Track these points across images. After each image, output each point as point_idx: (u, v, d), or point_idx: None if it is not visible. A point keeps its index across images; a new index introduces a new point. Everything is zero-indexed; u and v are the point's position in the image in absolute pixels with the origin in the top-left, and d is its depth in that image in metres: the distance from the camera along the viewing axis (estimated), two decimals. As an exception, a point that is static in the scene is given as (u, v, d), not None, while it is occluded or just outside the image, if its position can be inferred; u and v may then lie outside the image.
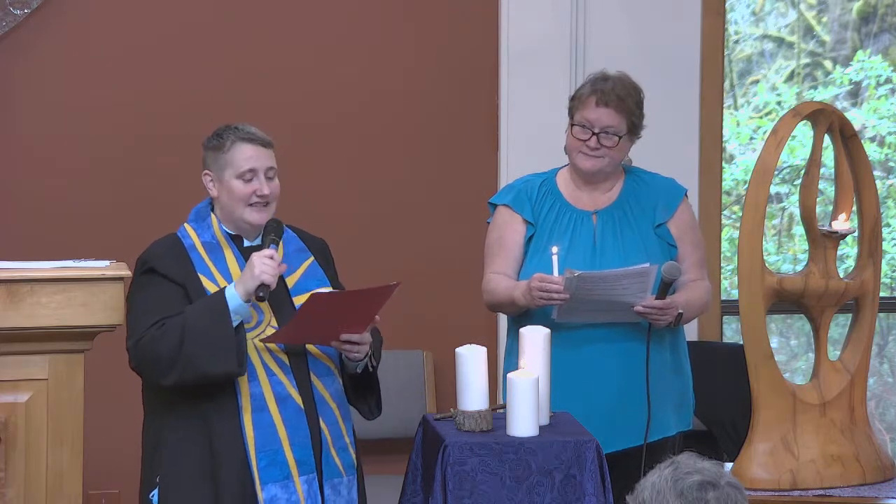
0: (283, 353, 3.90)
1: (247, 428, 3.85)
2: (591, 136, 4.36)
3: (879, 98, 6.14)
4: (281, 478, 3.85)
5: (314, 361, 3.94)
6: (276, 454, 3.85)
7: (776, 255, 6.20)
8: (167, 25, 5.45)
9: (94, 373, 3.91)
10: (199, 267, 3.93)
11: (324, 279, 4.02)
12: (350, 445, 3.97)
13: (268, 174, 3.97)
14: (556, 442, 3.93)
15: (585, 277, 4.19)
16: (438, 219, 5.63)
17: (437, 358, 5.59)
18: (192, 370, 3.82)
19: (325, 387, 3.94)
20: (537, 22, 5.57)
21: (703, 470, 2.75)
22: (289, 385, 3.88)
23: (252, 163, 3.95)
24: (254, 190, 3.94)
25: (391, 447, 5.23)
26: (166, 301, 3.89)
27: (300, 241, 4.07)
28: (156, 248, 4.00)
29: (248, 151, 3.96)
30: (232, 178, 3.96)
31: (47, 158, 5.41)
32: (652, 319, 4.29)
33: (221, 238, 3.98)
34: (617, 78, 4.41)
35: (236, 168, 3.96)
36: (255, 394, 3.86)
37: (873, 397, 6.20)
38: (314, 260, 4.04)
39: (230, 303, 3.82)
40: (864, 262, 4.66)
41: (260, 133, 4.00)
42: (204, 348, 3.80)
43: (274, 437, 3.85)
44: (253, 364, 3.87)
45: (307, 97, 5.53)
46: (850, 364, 4.63)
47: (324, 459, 3.90)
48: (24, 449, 3.68)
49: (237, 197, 3.96)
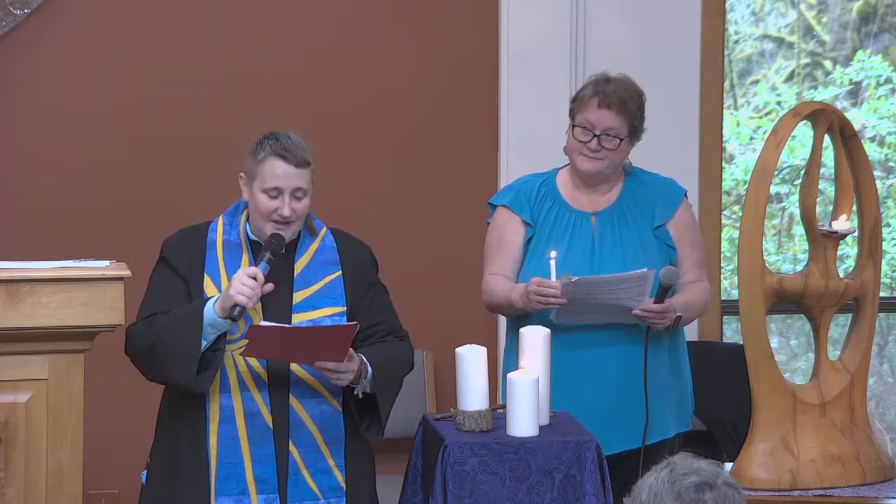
0: (265, 370, 3.86)
1: (211, 438, 3.85)
2: (593, 139, 4.36)
3: (879, 98, 6.14)
4: (236, 492, 3.84)
5: (297, 382, 3.89)
6: (234, 468, 3.84)
7: (776, 255, 6.20)
8: (167, 25, 5.45)
9: (94, 373, 3.92)
10: (210, 266, 3.92)
11: (340, 298, 3.94)
12: (336, 468, 3.91)
13: (296, 194, 3.88)
14: (556, 442, 3.93)
15: (583, 283, 4.19)
16: (438, 219, 5.62)
17: (437, 358, 5.59)
18: (161, 374, 3.85)
19: (306, 409, 3.89)
20: (537, 22, 5.57)
21: (699, 470, 2.75)
22: (260, 402, 3.85)
23: (278, 181, 3.87)
24: (276, 208, 3.88)
25: (391, 447, 5.22)
26: (167, 294, 3.90)
27: (335, 252, 3.99)
28: (176, 236, 4.00)
29: (278, 169, 3.87)
30: (258, 191, 3.90)
31: (47, 158, 5.41)
32: (650, 323, 4.28)
33: (243, 241, 3.96)
34: (619, 80, 4.40)
35: (263, 182, 3.89)
36: (224, 405, 3.85)
37: (873, 397, 6.19)
38: (341, 275, 3.97)
39: (206, 316, 3.79)
40: (864, 262, 4.65)
41: (299, 150, 3.90)
42: (170, 355, 3.80)
43: (235, 450, 3.84)
44: (228, 376, 3.85)
45: (307, 97, 5.52)
46: (850, 364, 4.63)
47: (290, 481, 3.86)
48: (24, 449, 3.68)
49: (260, 210, 3.90)
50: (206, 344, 3.82)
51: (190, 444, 3.87)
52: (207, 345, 3.82)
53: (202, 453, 3.85)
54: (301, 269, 3.95)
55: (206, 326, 3.80)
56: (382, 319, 4.02)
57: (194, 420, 3.87)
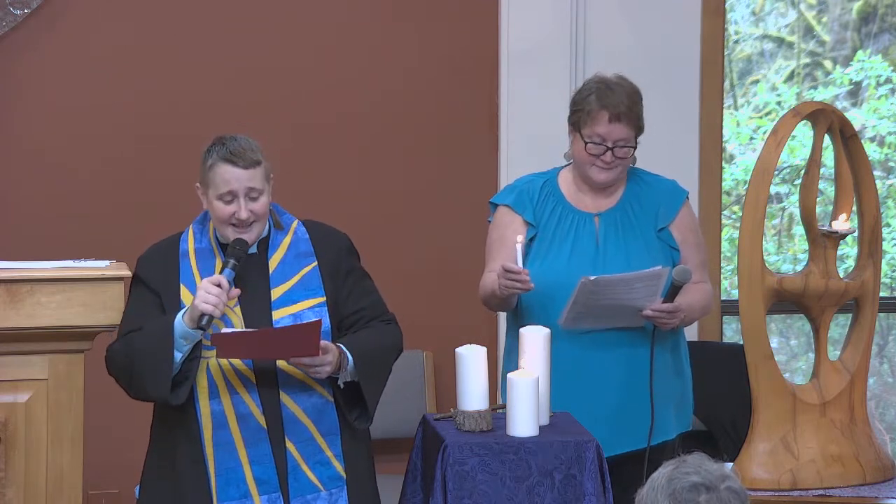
0: (251, 371, 3.85)
1: (206, 446, 3.83)
2: (606, 152, 4.34)
3: (879, 98, 6.14)
4: (238, 496, 3.83)
5: (285, 378, 3.87)
6: (233, 472, 3.83)
7: (776, 255, 6.20)
8: (167, 25, 5.45)
9: (94, 373, 3.92)
10: (184, 275, 3.90)
11: (318, 289, 3.92)
12: (335, 458, 3.90)
13: (250, 195, 3.85)
14: (556, 442, 3.93)
15: (601, 282, 4.18)
16: (438, 219, 5.62)
17: (437, 358, 5.59)
18: (140, 391, 3.84)
19: (297, 403, 3.87)
20: (537, 22, 5.57)
21: (703, 472, 2.72)
22: (251, 403, 3.84)
23: (230, 185, 3.85)
24: (233, 213, 3.86)
25: (391, 447, 5.23)
26: (142, 310, 3.87)
27: (309, 243, 3.98)
28: (148, 252, 3.98)
29: (227, 174, 3.85)
30: (213, 198, 3.88)
31: (47, 158, 5.41)
32: (660, 323, 4.28)
33: (214, 247, 3.94)
34: (619, 85, 4.37)
35: (216, 189, 3.87)
36: (215, 412, 3.83)
37: (873, 397, 6.19)
38: (316, 265, 3.95)
39: (177, 328, 3.77)
40: (864, 262, 4.66)
41: (247, 151, 3.87)
42: (146, 371, 3.78)
43: (233, 455, 3.83)
44: (215, 382, 3.83)
45: (307, 97, 5.52)
46: (850, 364, 4.63)
47: (290, 477, 3.85)
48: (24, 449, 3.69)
49: (218, 216, 3.89)
50: (182, 356, 3.79)
51: (186, 455, 3.85)
52: (183, 356, 3.80)
53: (199, 462, 3.83)
54: (276, 265, 3.93)
55: (179, 339, 3.77)
56: (365, 305, 3.98)
57: (188, 429, 3.85)
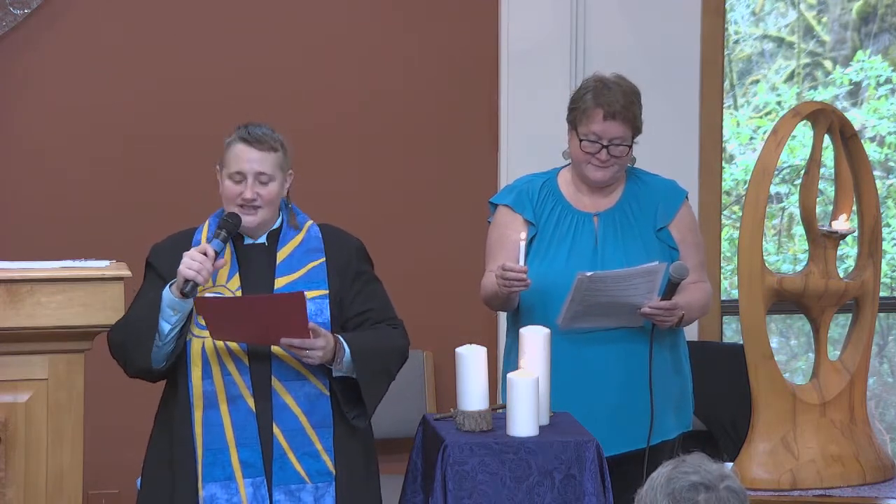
0: (245, 354, 3.86)
1: (196, 425, 3.85)
2: (601, 150, 4.35)
3: (879, 98, 6.14)
4: (223, 478, 3.84)
5: (279, 365, 3.88)
6: (220, 453, 3.84)
7: (776, 255, 6.20)
8: (167, 25, 5.45)
9: (94, 373, 3.92)
10: None
11: (322, 283, 3.93)
12: (325, 452, 3.89)
13: (260, 179, 3.90)
14: (556, 442, 3.93)
15: (597, 278, 4.18)
16: (438, 219, 5.62)
17: (437, 358, 5.59)
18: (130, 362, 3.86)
19: (289, 391, 3.87)
20: (537, 22, 5.57)
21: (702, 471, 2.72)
22: (242, 386, 3.85)
23: (240, 165, 3.90)
24: (240, 192, 3.90)
25: (391, 447, 5.23)
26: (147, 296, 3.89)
27: (321, 241, 3.99)
28: (164, 241, 4.02)
29: (241, 153, 3.91)
30: (225, 177, 3.93)
31: (47, 158, 5.41)
32: (657, 321, 4.28)
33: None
34: (616, 84, 4.37)
35: (228, 167, 3.93)
36: (207, 391, 3.84)
37: (873, 397, 6.19)
38: (324, 261, 3.96)
39: (164, 298, 3.80)
40: (864, 262, 4.66)
41: (266, 136, 3.93)
42: (133, 339, 3.81)
43: (220, 436, 3.84)
44: (209, 362, 3.85)
45: (307, 97, 5.53)
46: (850, 364, 4.63)
47: (276, 464, 3.85)
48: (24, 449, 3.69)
49: (226, 195, 3.93)
50: (172, 327, 3.81)
51: (179, 433, 3.88)
52: (173, 327, 3.81)
53: (188, 441, 3.85)
54: (284, 257, 3.95)
55: (166, 308, 3.79)
56: (373, 307, 3.99)
57: (182, 409, 3.87)
